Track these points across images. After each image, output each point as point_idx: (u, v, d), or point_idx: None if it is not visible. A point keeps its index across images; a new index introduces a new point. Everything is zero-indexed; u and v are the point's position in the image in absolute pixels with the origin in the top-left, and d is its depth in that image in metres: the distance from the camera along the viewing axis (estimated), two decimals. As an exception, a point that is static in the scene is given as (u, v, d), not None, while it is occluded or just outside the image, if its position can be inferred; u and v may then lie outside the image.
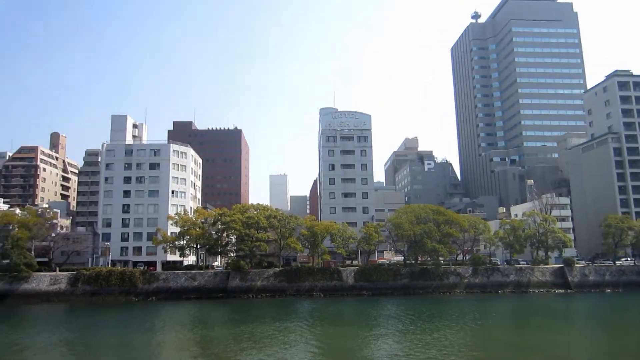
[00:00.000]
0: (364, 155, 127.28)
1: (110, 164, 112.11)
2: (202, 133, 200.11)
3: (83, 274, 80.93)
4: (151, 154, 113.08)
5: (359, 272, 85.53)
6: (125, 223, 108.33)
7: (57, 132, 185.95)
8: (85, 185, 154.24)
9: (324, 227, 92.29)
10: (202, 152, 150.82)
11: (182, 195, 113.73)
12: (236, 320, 55.69)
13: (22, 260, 79.33)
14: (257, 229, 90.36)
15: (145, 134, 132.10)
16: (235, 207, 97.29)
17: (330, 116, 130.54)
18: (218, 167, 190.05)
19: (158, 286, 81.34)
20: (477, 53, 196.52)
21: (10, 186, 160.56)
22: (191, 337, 46.04)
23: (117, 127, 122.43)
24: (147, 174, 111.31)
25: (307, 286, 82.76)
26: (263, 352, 37.01)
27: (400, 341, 41.10)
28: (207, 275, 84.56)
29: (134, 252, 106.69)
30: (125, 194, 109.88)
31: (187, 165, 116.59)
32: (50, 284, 79.56)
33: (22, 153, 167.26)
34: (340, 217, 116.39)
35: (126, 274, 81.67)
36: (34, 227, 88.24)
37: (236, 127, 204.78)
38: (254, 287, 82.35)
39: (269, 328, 48.15)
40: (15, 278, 78.64)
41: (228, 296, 79.80)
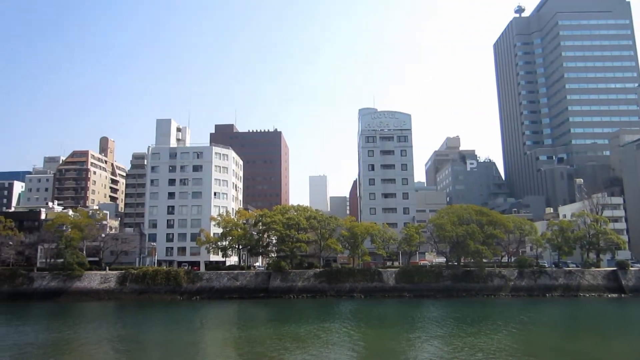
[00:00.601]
0: (404, 155, 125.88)
1: (155, 166, 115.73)
2: (243, 135, 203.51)
3: (131, 273, 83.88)
4: (194, 157, 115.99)
5: (400, 273, 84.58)
6: (170, 224, 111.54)
7: (106, 137, 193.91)
8: (132, 187, 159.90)
9: (364, 228, 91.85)
10: (243, 154, 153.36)
11: (224, 197, 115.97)
12: (279, 320, 56.19)
13: (75, 259, 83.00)
14: (298, 229, 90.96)
15: (188, 137, 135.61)
16: (275, 208, 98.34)
17: (370, 116, 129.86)
18: (258, 168, 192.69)
19: (202, 286, 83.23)
20: (522, 48, 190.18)
21: (64, 189, 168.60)
22: (235, 336, 46.73)
23: (161, 130, 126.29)
24: (190, 176, 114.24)
25: (347, 287, 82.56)
26: (307, 352, 37.17)
27: (444, 344, 40.28)
28: (248, 276, 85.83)
29: (179, 252, 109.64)
30: (170, 196, 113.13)
31: (228, 167, 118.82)
32: (100, 283, 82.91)
33: (74, 157, 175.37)
34: (380, 218, 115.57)
35: (171, 274, 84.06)
36: (86, 227, 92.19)
37: (276, 129, 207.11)
38: (295, 287, 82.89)
39: (312, 328, 48.29)
40: (68, 276, 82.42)
41: (269, 296, 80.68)
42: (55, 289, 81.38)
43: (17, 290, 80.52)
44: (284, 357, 35.86)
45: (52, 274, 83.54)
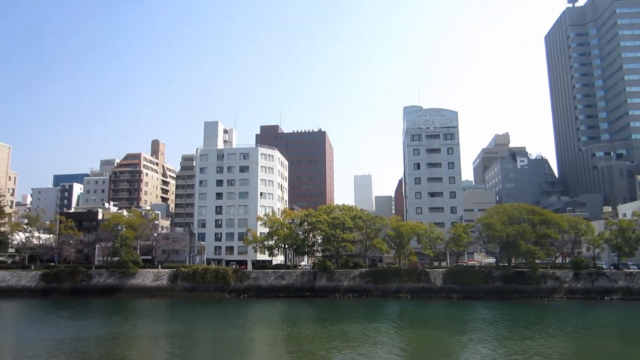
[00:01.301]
0: (451, 154, 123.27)
1: (204, 167, 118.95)
2: (288, 136, 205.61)
3: (182, 272, 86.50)
4: (241, 158, 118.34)
5: (447, 274, 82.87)
6: (218, 224, 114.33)
7: (157, 140, 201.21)
8: (182, 188, 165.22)
9: (410, 228, 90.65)
10: (288, 154, 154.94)
11: (270, 197, 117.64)
12: (326, 319, 56.35)
13: (129, 257, 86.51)
14: (343, 229, 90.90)
15: (235, 139, 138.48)
16: (320, 207, 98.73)
17: (415, 114, 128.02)
18: (303, 168, 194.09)
19: (249, 284, 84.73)
20: (575, 40, 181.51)
21: (119, 190, 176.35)
22: (284, 334, 47.25)
23: (209, 132, 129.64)
24: (237, 176, 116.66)
25: (393, 287, 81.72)
26: (356, 352, 37.09)
27: (498, 347, 39.08)
28: (295, 275, 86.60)
29: (227, 252, 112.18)
30: (218, 196, 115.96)
31: (274, 168, 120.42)
32: (153, 280, 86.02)
33: (128, 160, 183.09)
34: (426, 217, 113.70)
35: (220, 272, 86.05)
36: (139, 227, 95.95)
37: (320, 129, 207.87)
38: (341, 287, 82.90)
39: (360, 328, 48.13)
40: (124, 274, 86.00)
41: (315, 295, 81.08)
42: (112, 285, 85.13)
43: (77, 287, 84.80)
44: (334, 355, 35.89)
45: (108, 272, 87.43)
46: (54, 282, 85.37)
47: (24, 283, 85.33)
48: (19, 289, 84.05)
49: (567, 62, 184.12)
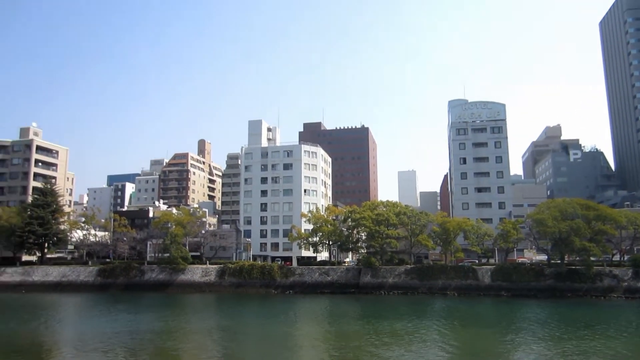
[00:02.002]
0: (499, 147, 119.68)
1: (248, 166, 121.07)
2: (331, 133, 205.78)
3: (229, 267, 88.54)
4: (284, 155, 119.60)
5: (496, 271, 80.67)
6: (263, 221, 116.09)
7: (203, 139, 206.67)
8: (228, 186, 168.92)
9: (456, 224, 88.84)
10: (331, 151, 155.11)
11: (313, 194, 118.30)
12: (372, 316, 56.23)
13: (179, 254, 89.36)
14: (387, 225, 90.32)
15: (278, 137, 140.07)
16: (364, 204, 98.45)
17: (460, 108, 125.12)
18: (347, 165, 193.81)
19: (294, 280, 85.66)
20: (633, 25, 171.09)
21: (168, 189, 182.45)
22: (332, 329, 47.48)
23: (253, 131, 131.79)
24: (281, 174, 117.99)
25: (440, 284, 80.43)
26: (405, 348, 36.84)
27: (552, 346, 37.69)
28: (339, 271, 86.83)
29: (272, 248, 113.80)
30: (263, 194, 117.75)
31: (317, 165, 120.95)
32: (202, 276, 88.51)
33: (176, 159, 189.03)
34: (473, 213, 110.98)
35: (265, 268, 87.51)
36: (188, 224, 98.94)
37: (363, 125, 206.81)
38: (386, 283, 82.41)
39: (408, 325, 47.74)
40: (174, 270, 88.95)
41: (360, 292, 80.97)
42: (163, 280, 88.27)
43: (130, 282, 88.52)
44: (384, 352, 35.66)
45: (160, 267, 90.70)
46: (110, 277, 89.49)
47: (83, 278, 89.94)
48: (79, 283, 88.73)
49: (624, 48, 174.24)
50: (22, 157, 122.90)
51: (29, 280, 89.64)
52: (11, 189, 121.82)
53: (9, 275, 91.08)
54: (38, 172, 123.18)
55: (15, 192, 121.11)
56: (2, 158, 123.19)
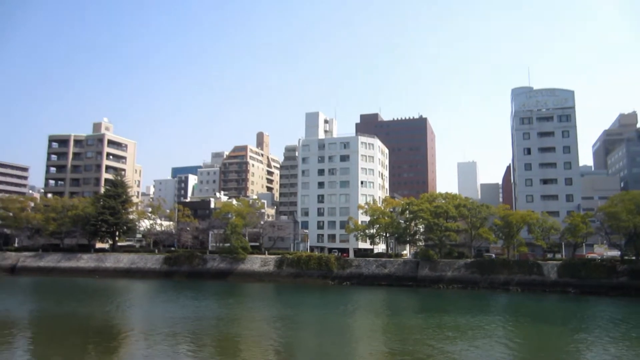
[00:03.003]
0: (567, 137, 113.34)
1: (305, 157, 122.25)
2: (388, 124, 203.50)
3: (287, 258, 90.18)
4: (341, 147, 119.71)
5: (563, 266, 76.86)
6: (320, 212, 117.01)
7: (261, 132, 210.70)
8: (285, 178, 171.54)
9: (519, 217, 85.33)
10: (388, 142, 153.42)
11: (370, 185, 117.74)
12: (432, 309, 55.42)
13: (239, 244, 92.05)
14: (446, 218, 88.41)
15: (335, 128, 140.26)
16: (422, 196, 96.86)
17: (524, 96, 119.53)
18: (404, 156, 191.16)
19: (351, 272, 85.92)
20: None
21: (228, 180, 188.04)
22: (392, 322, 47.19)
23: (310, 123, 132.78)
24: (338, 165, 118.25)
25: (501, 279, 77.79)
26: (469, 343, 36.03)
27: (629, 347, 35.53)
28: (396, 263, 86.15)
29: (329, 239, 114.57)
30: (320, 185, 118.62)
31: (374, 156, 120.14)
32: (261, 266, 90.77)
33: (236, 152, 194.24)
34: (538, 205, 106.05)
35: (323, 259, 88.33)
36: (247, 215, 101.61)
37: (421, 116, 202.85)
38: (444, 277, 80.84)
39: (472, 319, 46.58)
40: (234, 259, 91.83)
41: (418, 285, 79.98)
42: (224, 269, 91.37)
43: (194, 270, 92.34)
44: (447, 346, 35.08)
45: (221, 257, 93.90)
46: (175, 265, 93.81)
47: (150, 265, 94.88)
48: (146, 270, 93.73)
49: None
50: (95, 150, 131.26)
51: (102, 267, 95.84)
52: (86, 180, 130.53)
53: (84, 261, 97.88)
54: (109, 164, 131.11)
55: (89, 183, 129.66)
56: (77, 152, 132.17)
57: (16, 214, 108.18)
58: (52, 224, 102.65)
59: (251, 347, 35.35)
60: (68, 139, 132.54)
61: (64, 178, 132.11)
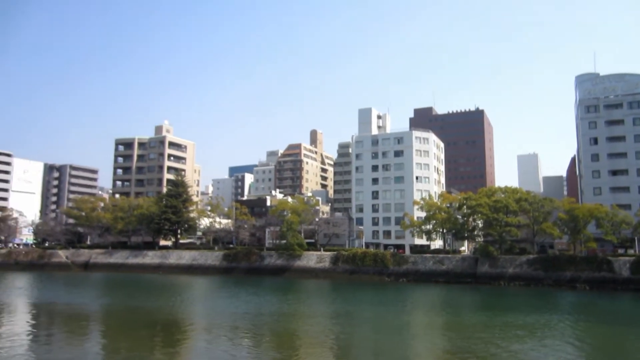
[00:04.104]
0: (638, 125, 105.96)
1: (359, 154, 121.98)
2: (443, 117, 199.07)
3: (342, 255, 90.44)
4: (395, 142, 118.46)
5: (636, 263, 71.99)
6: (375, 208, 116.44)
7: (315, 130, 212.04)
8: (339, 174, 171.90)
9: (587, 211, 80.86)
10: (444, 136, 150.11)
11: (426, 181, 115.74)
12: (494, 307, 53.60)
13: (295, 241, 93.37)
14: (506, 212, 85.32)
15: (388, 124, 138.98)
16: (481, 190, 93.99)
17: (590, 82, 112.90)
18: (460, 150, 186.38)
19: (407, 268, 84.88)
20: None
21: (283, 178, 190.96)
22: (454, 319, 46.03)
23: (363, 119, 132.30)
24: (392, 161, 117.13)
25: (568, 276, 74.03)
26: (538, 342, 34.41)
27: None
28: (454, 260, 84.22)
29: (384, 236, 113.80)
30: (374, 182, 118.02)
31: (429, 151, 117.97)
32: (317, 262, 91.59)
33: (290, 150, 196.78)
34: (607, 198, 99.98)
35: (378, 256, 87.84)
36: (302, 212, 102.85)
37: (477, 108, 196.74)
38: (505, 274, 78.07)
39: (539, 318, 44.41)
40: (290, 256, 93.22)
41: (477, 282, 77.78)
42: (281, 266, 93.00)
43: (252, 266, 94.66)
44: (513, 345, 33.74)
45: (277, 253, 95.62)
46: (234, 261, 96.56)
47: (210, 262, 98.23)
48: (206, 267, 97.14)
49: None
50: (157, 152, 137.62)
51: (165, 263, 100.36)
52: (149, 181, 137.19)
53: (149, 258, 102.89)
54: (170, 165, 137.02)
55: (153, 183, 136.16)
56: (141, 154, 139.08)
57: (88, 213, 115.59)
58: (120, 223, 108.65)
59: (310, 343, 35.68)
60: (132, 142, 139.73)
61: (130, 179, 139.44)
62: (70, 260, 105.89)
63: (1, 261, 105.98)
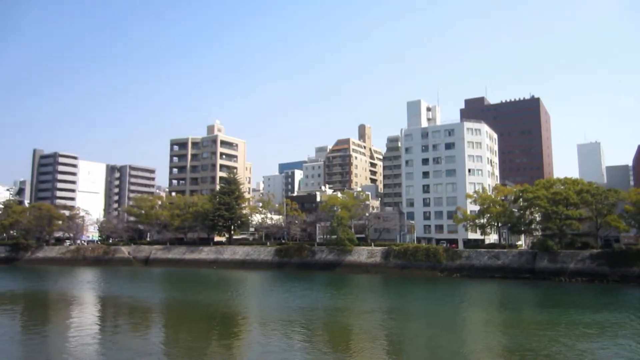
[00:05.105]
0: None
1: (409, 147, 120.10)
2: (495, 107, 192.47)
3: (393, 249, 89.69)
4: (445, 135, 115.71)
5: None
6: (426, 202, 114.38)
7: (363, 124, 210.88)
8: (389, 169, 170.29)
9: (656, 202, 75.88)
10: (497, 126, 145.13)
11: (478, 173, 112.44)
12: (558, 304, 51.28)
13: (345, 236, 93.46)
14: (566, 205, 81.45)
15: (438, 116, 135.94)
16: (538, 182, 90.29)
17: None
18: (515, 140, 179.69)
19: (461, 263, 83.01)
20: None
21: (332, 174, 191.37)
22: (514, 316, 44.48)
23: (412, 112, 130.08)
24: (443, 154, 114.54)
25: (636, 272, 69.71)
26: (609, 340, 32.74)
27: None
28: (511, 255, 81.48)
29: (436, 230, 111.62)
30: (425, 175, 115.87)
31: (481, 142, 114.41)
32: (367, 257, 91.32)
33: (339, 145, 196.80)
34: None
35: (430, 251, 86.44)
36: (352, 207, 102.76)
37: (533, 96, 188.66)
38: (566, 269, 74.64)
39: (610, 316, 42.28)
40: (341, 251, 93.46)
41: (535, 277, 74.85)
42: (332, 261, 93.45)
43: (303, 261, 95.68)
44: (581, 344, 32.25)
45: (328, 248, 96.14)
46: (285, 256, 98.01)
47: (263, 257, 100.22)
48: (259, 262, 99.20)
49: None
50: (210, 151, 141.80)
51: (220, 258, 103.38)
52: (203, 179, 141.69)
53: (205, 254, 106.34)
54: (222, 163, 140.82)
55: (206, 181, 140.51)
56: (195, 153, 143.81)
57: (147, 211, 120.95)
58: (177, 220, 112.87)
59: (366, 338, 35.62)
60: (186, 142, 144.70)
61: (185, 178, 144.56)
62: (132, 256, 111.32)
63: (71, 257, 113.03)
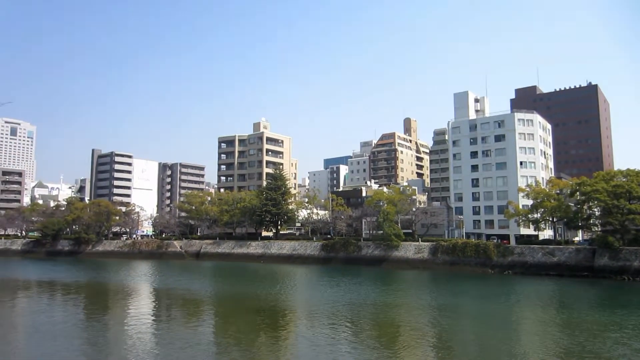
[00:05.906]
0: None
1: (456, 140, 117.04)
2: (549, 96, 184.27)
3: (441, 245, 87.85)
4: (495, 126, 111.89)
5: None
6: (475, 197, 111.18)
7: (408, 118, 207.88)
8: (435, 163, 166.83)
9: None
10: (551, 116, 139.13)
11: (531, 166, 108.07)
12: (624, 304, 48.14)
13: (392, 231, 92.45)
14: (629, 199, 76.83)
15: (487, 107, 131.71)
16: (597, 174, 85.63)
17: None
18: (571, 131, 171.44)
19: (513, 260, 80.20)
20: None
21: (377, 168, 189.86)
22: (572, 316, 42.28)
23: (459, 104, 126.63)
24: (492, 146, 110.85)
25: None
26: None
27: None
28: (567, 251, 77.81)
29: (486, 225, 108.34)
30: (473, 169, 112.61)
31: (534, 134, 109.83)
32: (415, 253, 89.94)
33: (384, 139, 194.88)
34: None
35: (480, 247, 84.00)
36: (399, 202, 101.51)
37: (590, 83, 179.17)
38: (630, 267, 70.45)
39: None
40: (388, 246, 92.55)
41: (595, 276, 71.07)
42: (379, 256, 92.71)
43: (349, 256, 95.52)
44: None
45: (374, 244, 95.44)
46: (332, 251, 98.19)
47: (309, 252, 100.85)
48: (306, 256, 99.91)
49: None
50: (256, 148, 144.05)
51: (268, 253, 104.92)
52: (250, 175, 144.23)
53: (253, 248, 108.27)
54: (269, 160, 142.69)
55: (253, 178, 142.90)
56: (242, 150, 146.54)
57: (197, 207, 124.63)
58: (225, 215, 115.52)
59: (414, 335, 34.88)
60: (233, 139, 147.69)
61: (232, 174, 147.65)
62: (184, 250, 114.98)
63: (128, 251, 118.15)
